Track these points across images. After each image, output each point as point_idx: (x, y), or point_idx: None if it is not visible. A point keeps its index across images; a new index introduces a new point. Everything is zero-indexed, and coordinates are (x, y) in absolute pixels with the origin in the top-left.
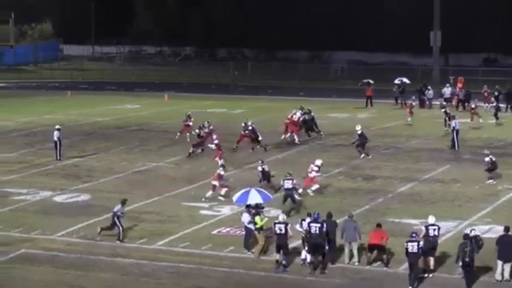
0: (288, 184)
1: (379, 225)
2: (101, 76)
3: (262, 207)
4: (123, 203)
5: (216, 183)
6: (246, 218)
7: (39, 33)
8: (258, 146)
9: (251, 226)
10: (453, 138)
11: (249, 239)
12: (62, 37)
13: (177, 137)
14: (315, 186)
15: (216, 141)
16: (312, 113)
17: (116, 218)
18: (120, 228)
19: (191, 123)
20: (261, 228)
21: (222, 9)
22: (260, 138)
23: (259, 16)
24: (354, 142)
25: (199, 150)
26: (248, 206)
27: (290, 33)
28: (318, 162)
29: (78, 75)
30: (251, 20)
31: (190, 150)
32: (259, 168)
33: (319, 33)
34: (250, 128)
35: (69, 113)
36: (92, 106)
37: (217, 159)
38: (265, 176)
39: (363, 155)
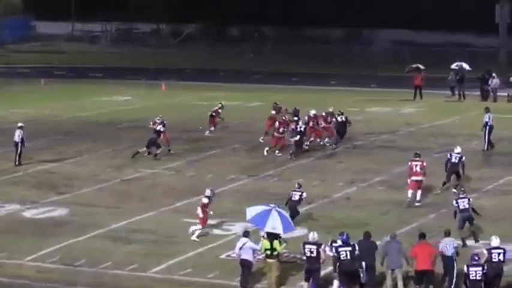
0: (464, 204)
1: (423, 236)
2: (83, 60)
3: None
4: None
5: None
6: (240, 242)
7: (4, 6)
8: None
9: (247, 254)
10: (484, 137)
11: (248, 275)
12: (34, 12)
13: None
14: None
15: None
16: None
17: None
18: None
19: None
20: (278, 255)
21: None
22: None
23: None
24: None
25: (146, 154)
26: (246, 234)
27: (321, 6)
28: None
29: (54, 58)
30: None
31: None
32: (295, 197)
33: (357, 6)
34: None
35: (43, 107)
36: (71, 98)
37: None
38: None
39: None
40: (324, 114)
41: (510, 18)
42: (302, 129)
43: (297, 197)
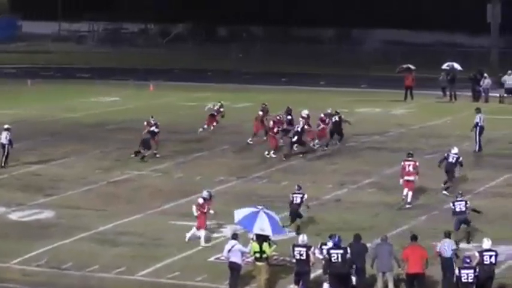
0: (460, 206)
1: (414, 239)
2: (70, 61)
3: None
4: None
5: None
6: (229, 244)
7: None
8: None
9: (236, 256)
10: (475, 138)
11: (236, 278)
12: (20, 11)
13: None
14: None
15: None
16: None
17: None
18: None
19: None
20: (267, 258)
21: None
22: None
23: None
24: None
25: (133, 155)
26: (235, 236)
27: (310, 5)
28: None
29: (41, 59)
30: None
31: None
32: (297, 199)
33: (347, 5)
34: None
35: (30, 108)
36: (58, 99)
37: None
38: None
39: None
40: (322, 115)
41: (502, 18)
42: (299, 129)
43: (298, 200)
